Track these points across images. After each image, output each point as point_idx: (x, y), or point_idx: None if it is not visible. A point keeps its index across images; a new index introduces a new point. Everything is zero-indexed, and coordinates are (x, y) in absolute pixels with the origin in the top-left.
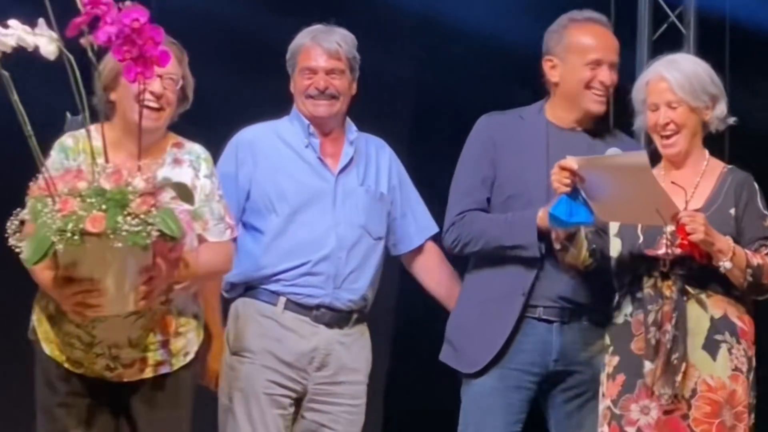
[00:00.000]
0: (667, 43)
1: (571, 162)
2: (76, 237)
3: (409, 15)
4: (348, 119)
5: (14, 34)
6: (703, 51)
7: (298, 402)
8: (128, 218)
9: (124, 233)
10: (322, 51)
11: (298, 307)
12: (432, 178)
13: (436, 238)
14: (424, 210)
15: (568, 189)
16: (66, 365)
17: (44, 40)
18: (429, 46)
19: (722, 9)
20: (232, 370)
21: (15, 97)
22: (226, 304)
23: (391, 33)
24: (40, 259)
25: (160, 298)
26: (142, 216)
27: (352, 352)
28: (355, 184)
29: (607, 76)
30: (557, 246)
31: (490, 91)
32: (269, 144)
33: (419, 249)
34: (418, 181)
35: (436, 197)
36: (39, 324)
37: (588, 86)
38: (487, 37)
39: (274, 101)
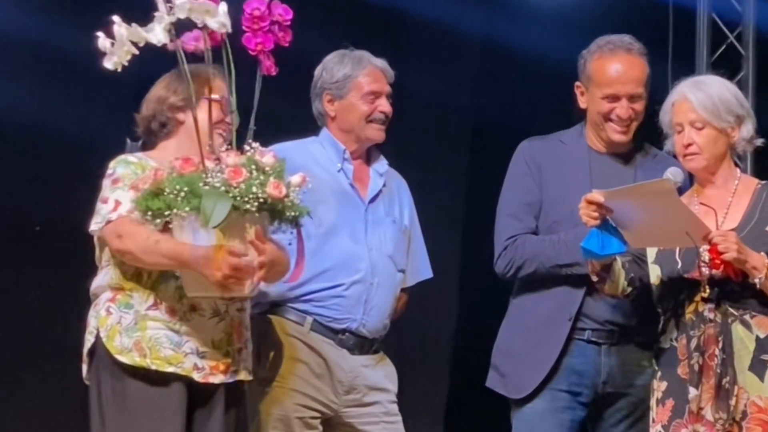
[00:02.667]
0: (726, 63)
1: (597, 195)
2: (261, 200)
3: (468, 39)
4: (377, 151)
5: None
6: (763, 71)
7: (326, 422)
8: (295, 189)
9: (294, 203)
10: (383, 75)
11: (324, 328)
12: (491, 200)
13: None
14: (424, 255)
15: (597, 222)
16: (153, 366)
17: (159, 27)
18: (488, 69)
19: None
20: (262, 394)
21: (185, 66)
22: None
23: (450, 56)
24: (222, 221)
25: (238, 305)
26: (299, 189)
27: (377, 374)
28: (382, 215)
29: (624, 110)
30: (594, 278)
31: (549, 114)
32: (304, 164)
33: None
34: (477, 202)
35: (494, 219)
36: (109, 339)
37: (607, 118)
38: (545, 60)
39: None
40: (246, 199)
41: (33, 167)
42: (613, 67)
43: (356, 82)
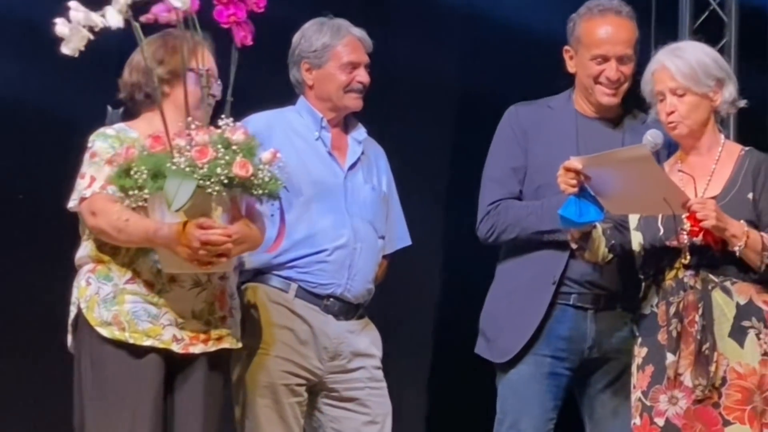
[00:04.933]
0: (708, 31)
1: (575, 162)
2: (225, 180)
3: (451, 7)
4: (354, 119)
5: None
6: (745, 38)
7: (311, 389)
8: (265, 167)
9: (264, 180)
10: (361, 45)
11: (308, 294)
12: (475, 169)
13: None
14: (402, 222)
15: (575, 189)
16: (131, 340)
17: (113, 10)
18: (472, 38)
19: None
20: (247, 362)
21: (143, 44)
22: None
23: (434, 25)
24: (185, 203)
25: (220, 273)
26: (271, 166)
27: (362, 340)
28: (361, 182)
29: (613, 71)
30: (573, 245)
31: (534, 82)
32: (282, 133)
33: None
34: (461, 171)
35: (478, 188)
36: (89, 310)
37: (596, 81)
38: (530, 29)
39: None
40: (210, 181)
41: (17, 138)
42: (603, 29)
43: (335, 51)
